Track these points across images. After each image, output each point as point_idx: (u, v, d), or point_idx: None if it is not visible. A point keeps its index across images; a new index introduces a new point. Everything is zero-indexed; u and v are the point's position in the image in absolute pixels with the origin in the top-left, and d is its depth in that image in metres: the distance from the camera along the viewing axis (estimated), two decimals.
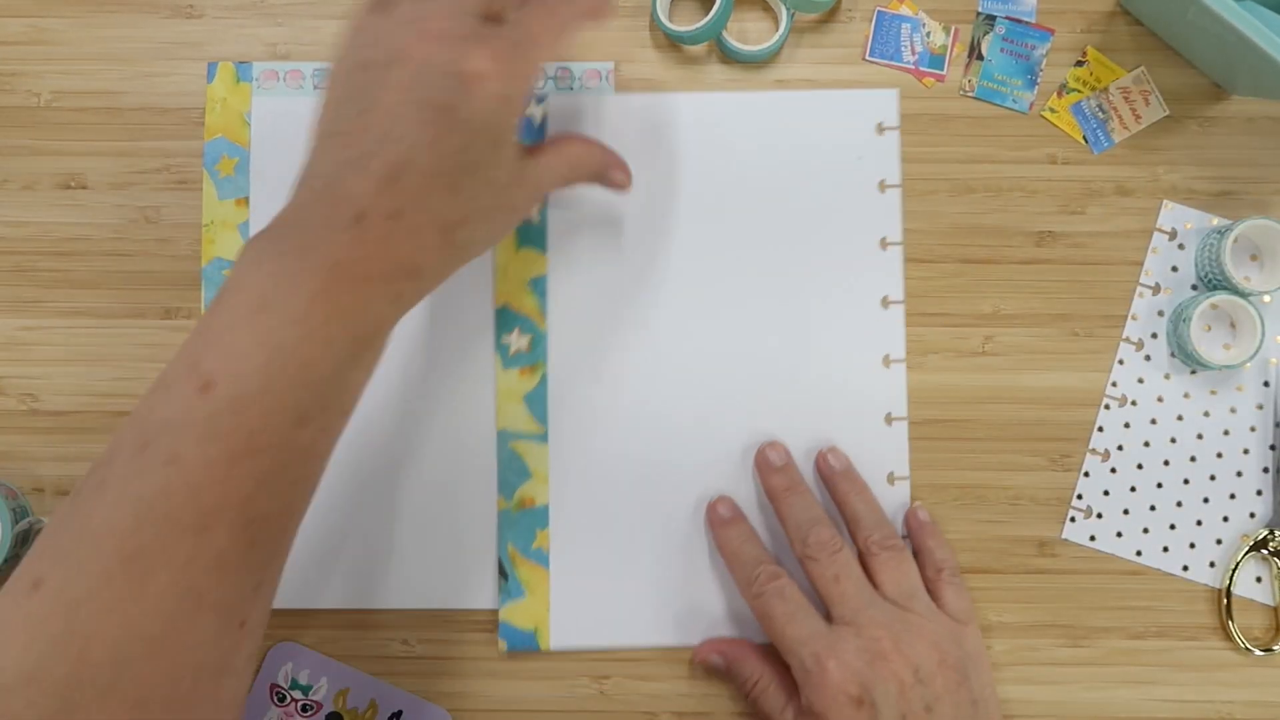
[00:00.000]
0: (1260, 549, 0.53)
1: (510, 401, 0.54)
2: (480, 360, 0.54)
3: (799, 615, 0.48)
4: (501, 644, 0.53)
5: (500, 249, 0.55)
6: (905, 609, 0.48)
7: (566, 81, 0.56)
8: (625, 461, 0.53)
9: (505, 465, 0.53)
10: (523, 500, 0.53)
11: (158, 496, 0.36)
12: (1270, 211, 0.55)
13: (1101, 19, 0.56)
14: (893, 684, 0.45)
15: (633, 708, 0.53)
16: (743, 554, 0.51)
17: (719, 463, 0.53)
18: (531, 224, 0.55)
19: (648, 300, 0.54)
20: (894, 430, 0.54)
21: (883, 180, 0.55)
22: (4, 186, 0.56)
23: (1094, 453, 0.54)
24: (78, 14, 0.57)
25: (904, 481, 0.53)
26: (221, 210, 0.55)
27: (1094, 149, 0.56)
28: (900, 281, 0.54)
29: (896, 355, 0.54)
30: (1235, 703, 0.53)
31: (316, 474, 0.40)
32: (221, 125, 0.56)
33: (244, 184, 0.56)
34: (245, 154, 0.56)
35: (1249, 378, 0.54)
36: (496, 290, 0.54)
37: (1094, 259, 0.55)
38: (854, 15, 0.56)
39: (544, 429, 0.54)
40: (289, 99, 0.56)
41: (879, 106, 0.55)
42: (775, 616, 0.48)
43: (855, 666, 0.46)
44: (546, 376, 0.54)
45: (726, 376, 0.54)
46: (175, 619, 0.36)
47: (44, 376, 0.55)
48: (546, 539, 0.53)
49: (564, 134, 0.49)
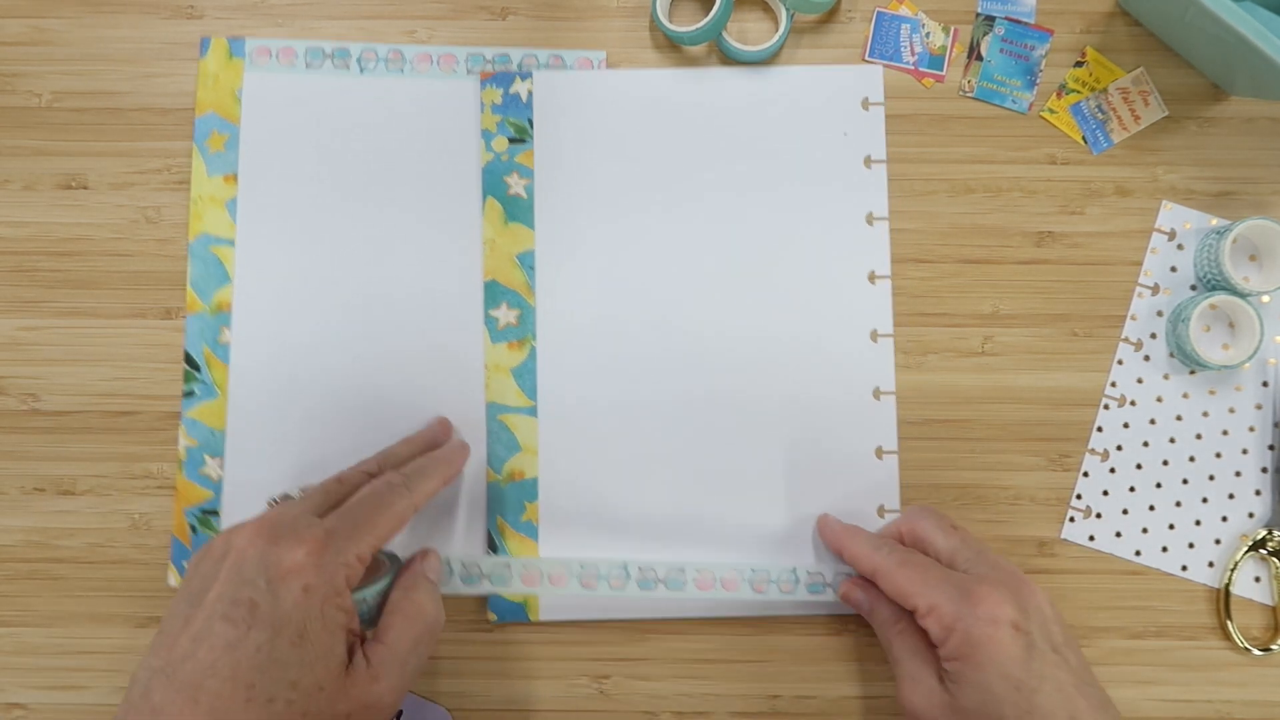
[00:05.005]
0: (1259, 549, 0.53)
1: (499, 375, 0.54)
2: (469, 334, 0.55)
3: (938, 565, 0.48)
4: (491, 615, 0.53)
5: (488, 224, 0.55)
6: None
7: (559, 67, 0.56)
8: (614, 434, 0.54)
9: (494, 438, 0.54)
10: (512, 473, 0.54)
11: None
12: (1269, 212, 0.55)
13: (1101, 20, 0.56)
14: (1038, 615, 0.45)
15: (633, 707, 0.53)
16: (862, 532, 0.51)
17: (707, 434, 0.54)
18: (520, 199, 0.55)
19: (636, 275, 0.55)
20: (882, 404, 0.54)
21: (869, 156, 0.55)
22: (4, 186, 0.56)
23: (1093, 453, 0.54)
24: (78, 14, 0.57)
25: (892, 456, 0.54)
26: (210, 186, 0.55)
27: (1093, 149, 0.56)
28: (887, 257, 0.55)
29: (884, 330, 0.54)
30: (1234, 702, 0.53)
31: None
32: (212, 101, 0.56)
33: (233, 160, 0.56)
34: (235, 130, 0.56)
35: (1248, 378, 0.54)
36: (485, 265, 0.55)
37: (1093, 259, 0.55)
38: (854, 16, 0.57)
39: (533, 402, 0.54)
40: (282, 76, 0.56)
41: (865, 82, 0.56)
42: (916, 563, 0.47)
43: (1007, 594, 0.45)
44: (535, 350, 0.54)
45: (715, 350, 0.54)
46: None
47: (44, 376, 0.55)
48: (536, 511, 0.53)
49: (397, 601, 0.46)
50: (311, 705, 0.41)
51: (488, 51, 0.56)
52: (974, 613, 0.44)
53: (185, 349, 0.54)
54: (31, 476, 0.55)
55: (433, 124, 0.56)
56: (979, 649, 0.44)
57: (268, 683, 0.40)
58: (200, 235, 0.55)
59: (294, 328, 0.55)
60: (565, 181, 0.55)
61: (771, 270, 0.55)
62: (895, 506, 0.53)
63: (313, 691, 0.41)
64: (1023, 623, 0.44)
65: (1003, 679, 0.43)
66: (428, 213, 0.55)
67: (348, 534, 0.43)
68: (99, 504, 0.54)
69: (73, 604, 0.54)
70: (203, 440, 0.54)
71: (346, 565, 0.42)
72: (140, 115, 0.56)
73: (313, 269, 0.55)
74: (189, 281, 0.55)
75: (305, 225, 0.55)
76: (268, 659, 0.40)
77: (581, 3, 0.57)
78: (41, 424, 0.55)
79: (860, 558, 0.49)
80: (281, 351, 0.55)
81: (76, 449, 0.55)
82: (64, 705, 0.53)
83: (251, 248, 0.55)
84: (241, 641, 0.40)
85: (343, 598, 0.42)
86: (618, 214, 0.55)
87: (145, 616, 0.54)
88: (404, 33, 0.57)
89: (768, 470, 0.53)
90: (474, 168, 0.56)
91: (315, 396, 0.54)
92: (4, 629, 0.54)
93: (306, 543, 0.41)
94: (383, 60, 0.56)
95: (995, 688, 0.43)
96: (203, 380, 0.54)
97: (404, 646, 0.44)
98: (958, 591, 0.45)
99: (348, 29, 0.57)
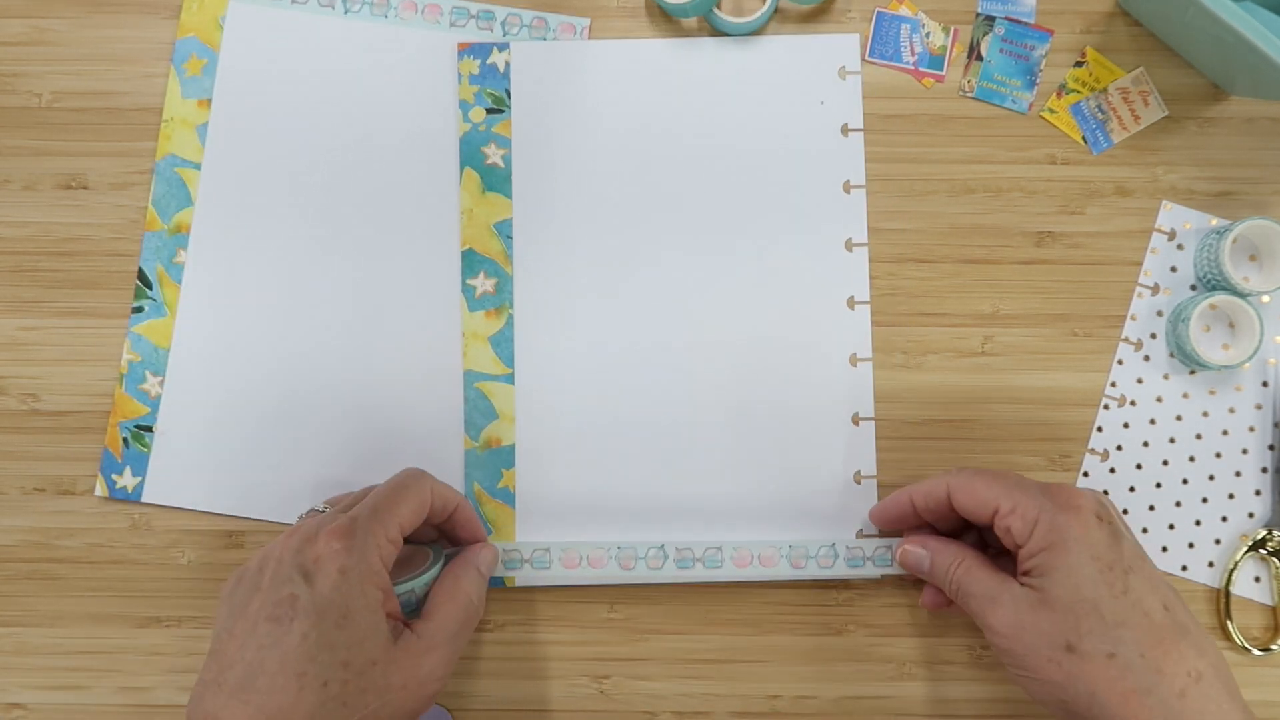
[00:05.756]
0: (1259, 549, 0.53)
1: (476, 343, 0.54)
2: (446, 303, 0.55)
3: (1010, 471, 0.48)
4: None
5: (466, 193, 0.55)
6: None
7: (541, 32, 0.56)
8: (591, 401, 0.54)
9: (471, 406, 0.54)
10: (489, 440, 0.54)
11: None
12: (1269, 212, 0.55)
13: (1101, 20, 0.56)
14: (1117, 514, 0.46)
15: (633, 707, 0.53)
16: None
17: (685, 402, 0.54)
18: (497, 168, 0.55)
19: (613, 244, 0.55)
20: (859, 370, 0.54)
21: (845, 124, 0.55)
22: (5, 186, 0.56)
23: (1093, 453, 0.54)
24: (78, 14, 0.57)
25: (869, 422, 0.54)
26: (183, 109, 0.56)
27: (1093, 149, 0.56)
28: (864, 225, 0.55)
29: (861, 298, 0.54)
30: None
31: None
32: (195, 25, 0.57)
33: (208, 86, 0.56)
34: (215, 57, 0.56)
35: (1248, 378, 0.54)
36: (462, 234, 0.55)
37: (1093, 259, 0.55)
38: (853, 15, 0.57)
39: (510, 370, 0.54)
40: (266, 9, 0.56)
41: (841, 51, 0.56)
42: (989, 472, 0.47)
43: (1087, 491, 0.46)
44: (513, 318, 0.54)
45: (692, 317, 0.54)
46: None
47: (44, 376, 0.55)
48: (513, 478, 0.54)
49: (444, 585, 0.47)
50: (367, 681, 0.41)
51: (472, 6, 0.56)
52: (1056, 502, 0.44)
53: (140, 265, 0.55)
54: (31, 476, 0.55)
55: (413, 81, 0.56)
56: (1067, 534, 0.43)
57: (319, 668, 0.40)
58: (167, 155, 0.56)
59: (253, 260, 0.55)
60: (543, 151, 0.56)
61: (749, 235, 0.55)
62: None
63: (366, 667, 0.41)
64: (1105, 515, 0.44)
65: (1093, 560, 0.43)
66: (404, 176, 0.56)
67: (372, 517, 0.44)
68: (99, 504, 0.54)
69: (73, 604, 0.54)
70: (146, 356, 0.55)
71: (379, 546, 0.43)
72: (140, 115, 0.56)
73: (279, 207, 0.56)
74: (150, 199, 0.55)
75: (275, 163, 0.56)
76: (316, 644, 0.40)
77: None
78: (41, 424, 0.55)
79: (930, 485, 0.48)
80: (235, 281, 0.55)
81: (76, 449, 0.55)
82: (64, 705, 0.53)
83: (218, 174, 0.56)
84: (286, 635, 0.40)
85: (380, 576, 0.43)
86: (596, 183, 0.55)
87: (145, 616, 0.54)
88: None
89: (741, 443, 0.54)
90: (452, 133, 0.56)
91: (268, 332, 0.55)
92: (4, 629, 0.54)
93: (335, 531, 0.42)
94: (368, 3, 0.57)
95: (1086, 569, 0.43)
96: (153, 298, 0.55)
97: (451, 627, 0.45)
98: (1037, 489, 0.45)
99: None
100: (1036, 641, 0.43)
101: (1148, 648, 0.42)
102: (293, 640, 0.40)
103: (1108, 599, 0.43)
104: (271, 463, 0.54)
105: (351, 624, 0.41)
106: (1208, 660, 0.42)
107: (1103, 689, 0.42)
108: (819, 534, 0.53)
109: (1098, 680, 0.42)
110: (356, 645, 0.41)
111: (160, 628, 0.54)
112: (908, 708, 0.53)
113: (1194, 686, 0.42)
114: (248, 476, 0.54)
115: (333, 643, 0.41)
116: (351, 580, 0.42)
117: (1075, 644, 0.42)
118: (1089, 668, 0.42)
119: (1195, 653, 0.42)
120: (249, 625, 0.41)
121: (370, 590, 0.42)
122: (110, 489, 0.54)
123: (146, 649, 0.53)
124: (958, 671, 0.53)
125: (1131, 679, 0.41)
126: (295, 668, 0.40)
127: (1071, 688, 0.42)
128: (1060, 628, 0.43)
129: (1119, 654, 0.42)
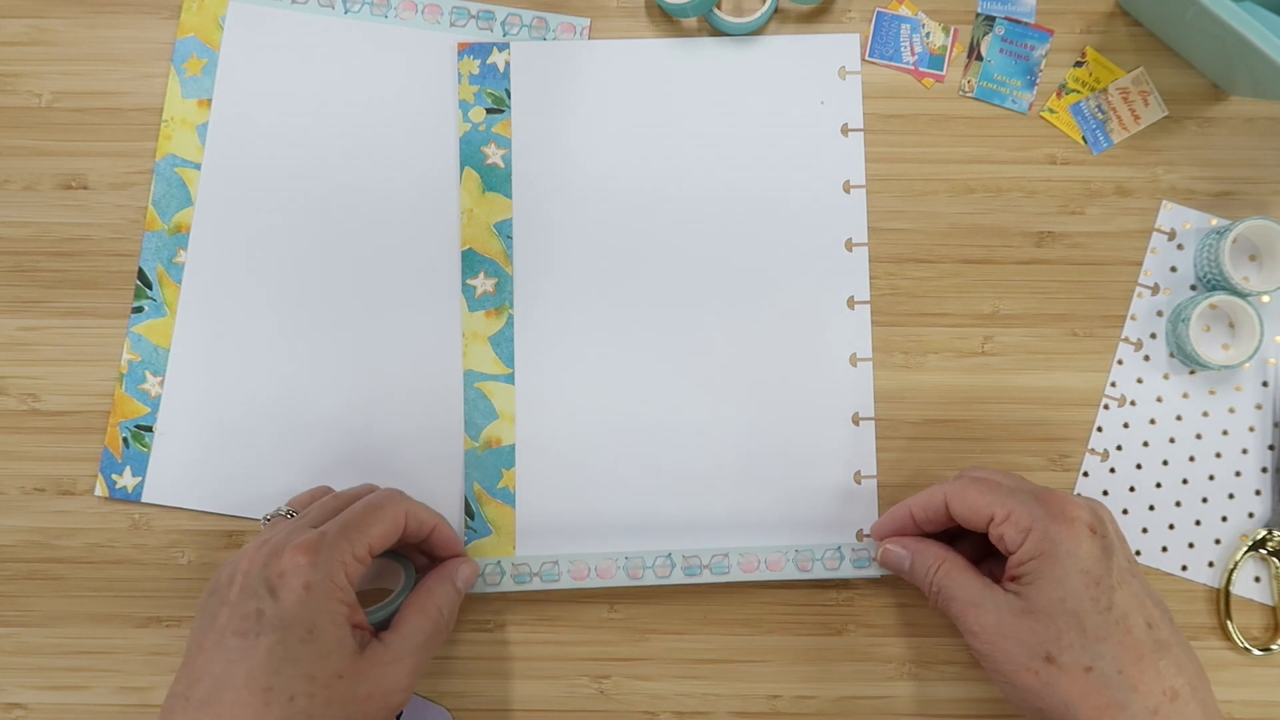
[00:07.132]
0: (1259, 549, 0.53)
1: (476, 343, 0.54)
2: (446, 303, 0.55)
3: (1006, 479, 0.48)
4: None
5: (466, 193, 0.55)
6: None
7: (541, 32, 0.56)
8: (591, 401, 0.54)
9: (471, 406, 0.54)
10: (489, 440, 0.54)
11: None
12: (1269, 212, 0.55)
13: (1101, 20, 0.56)
14: (1112, 526, 0.45)
15: (633, 708, 0.53)
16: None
17: (683, 399, 0.54)
18: (497, 168, 0.55)
19: (613, 244, 0.55)
20: (859, 371, 0.54)
21: (845, 124, 0.55)
22: (4, 186, 0.56)
23: (1093, 453, 0.54)
24: (78, 14, 0.57)
25: (869, 422, 0.54)
26: (183, 108, 0.56)
27: (1093, 149, 0.56)
28: (864, 225, 0.55)
29: (861, 297, 0.55)
30: (1234, 702, 0.53)
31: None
32: (195, 25, 0.57)
33: (209, 86, 0.56)
34: (215, 56, 0.56)
35: (1247, 378, 0.54)
36: (462, 234, 0.55)
37: (1093, 259, 0.55)
38: (853, 15, 0.57)
39: (510, 370, 0.54)
40: (266, 8, 0.57)
41: (841, 51, 0.56)
42: (984, 480, 0.47)
43: (1083, 501, 0.45)
44: (513, 318, 0.54)
45: (692, 315, 0.54)
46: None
47: (44, 376, 0.55)
48: (513, 478, 0.54)
49: (416, 596, 0.48)
50: (333, 694, 0.42)
51: (472, 6, 0.56)
52: (1051, 512, 0.44)
53: (140, 265, 0.55)
54: (31, 476, 0.55)
55: (412, 81, 0.56)
56: (1058, 545, 0.44)
57: (285, 682, 0.40)
58: (167, 155, 0.56)
59: (253, 260, 0.55)
60: (543, 151, 0.56)
61: (749, 233, 0.55)
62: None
63: (332, 680, 0.42)
64: (1099, 528, 0.44)
65: (1081, 574, 0.43)
66: (404, 175, 0.56)
67: (341, 534, 0.44)
68: (99, 504, 0.54)
69: (73, 604, 0.54)
70: (146, 356, 0.55)
71: (344, 564, 0.43)
72: (140, 115, 0.56)
73: (279, 207, 0.56)
74: (150, 199, 0.55)
75: (275, 163, 0.56)
76: (281, 659, 0.41)
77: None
78: (41, 424, 0.55)
79: (927, 495, 0.49)
80: (235, 281, 0.55)
81: (76, 449, 0.55)
82: (64, 705, 0.53)
83: (218, 174, 0.56)
84: (252, 650, 0.41)
85: (345, 592, 0.43)
86: (595, 182, 0.55)
87: (145, 616, 0.54)
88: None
89: (740, 442, 0.54)
90: (452, 133, 0.56)
91: (268, 333, 0.55)
92: (4, 629, 0.54)
93: (301, 547, 0.43)
94: (368, 3, 0.57)
95: (1073, 582, 0.43)
96: (153, 298, 0.55)
97: (417, 639, 0.46)
98: (1032, 497, 0.45)
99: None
100: (1016, 649, 0.44)
101: (1126, 664, 0.42)
102: (259, 655, 0.41)
103: (1091, 613, 0.43)
104: (271, 462, 0.54)
105: (317, 638, 0.42)
106: (1185, 679, 0.43)
107: (1078, 701, 0.42)
108: (820, 535, 0.53)
109: (1073, 692, 0.42)
110: (322, 659, 0.42)
111: (160, 628, 0.54)
112: (907, 708, 0.53)
113: (1168, 704, 0.42)
114: (248, 476, 0.54)
115: (298, 657, 0.41)
116: (316, 595, 0.42)
117: (1055, 655, 0.43)
118: (1066, 679, 0.42)
119: (1174, 670, 0.43)
120: (216, 639, 0.42)
121: (335, 605, 0.43)
122: (110, 489, 0.54)
123: (146, 649, 0.53)
124: (958, 672, 0.53)
125: (1107, 694, 0.42)
126: (261, 682, 0.40)
127: (1048, 697, 0.43)
128: (1041, 637, 0.43)
129: (1097, 668, 0.42)
